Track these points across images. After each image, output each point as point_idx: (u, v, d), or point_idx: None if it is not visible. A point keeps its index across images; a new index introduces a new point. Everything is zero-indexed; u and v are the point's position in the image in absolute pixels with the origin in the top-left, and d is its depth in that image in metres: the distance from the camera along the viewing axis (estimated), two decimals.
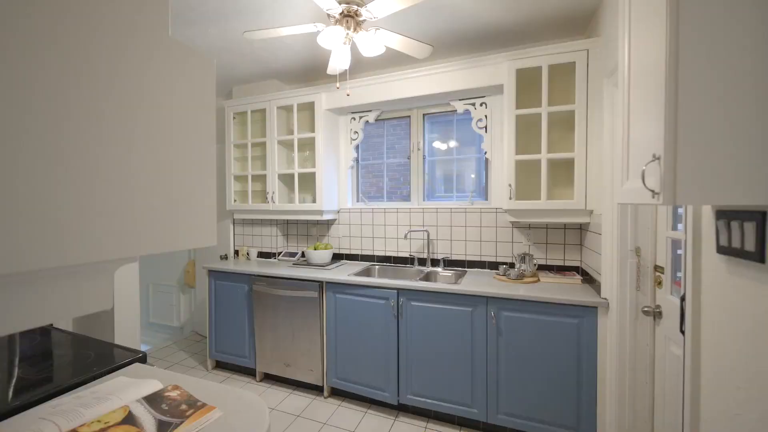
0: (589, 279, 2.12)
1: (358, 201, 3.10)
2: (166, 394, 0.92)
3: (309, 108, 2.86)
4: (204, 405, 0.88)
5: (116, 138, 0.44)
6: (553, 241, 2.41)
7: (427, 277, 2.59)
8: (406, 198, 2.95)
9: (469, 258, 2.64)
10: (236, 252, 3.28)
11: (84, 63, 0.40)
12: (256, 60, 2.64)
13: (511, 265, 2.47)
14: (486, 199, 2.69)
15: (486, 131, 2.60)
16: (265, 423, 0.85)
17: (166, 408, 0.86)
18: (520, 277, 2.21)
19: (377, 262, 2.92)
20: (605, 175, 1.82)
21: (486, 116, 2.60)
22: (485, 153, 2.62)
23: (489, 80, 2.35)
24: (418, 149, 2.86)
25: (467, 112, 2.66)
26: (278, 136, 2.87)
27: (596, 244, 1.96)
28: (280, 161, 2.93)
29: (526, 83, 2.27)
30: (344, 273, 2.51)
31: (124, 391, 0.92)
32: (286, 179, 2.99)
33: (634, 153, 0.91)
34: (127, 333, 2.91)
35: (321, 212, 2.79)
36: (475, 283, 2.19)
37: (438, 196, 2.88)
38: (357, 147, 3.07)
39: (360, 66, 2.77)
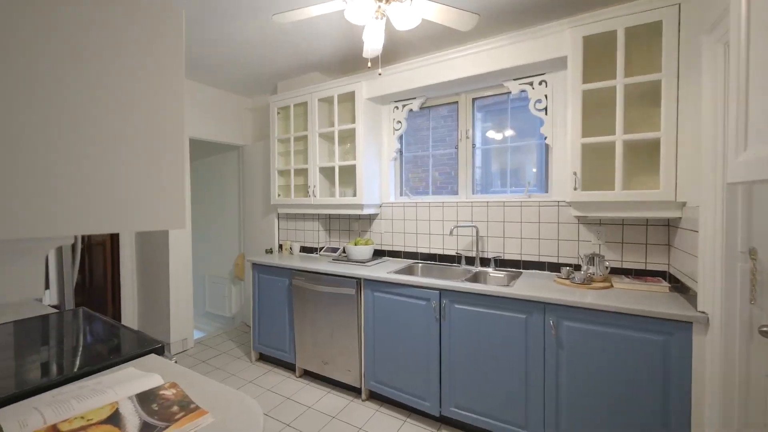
0: (680, 287, 1.72)
1: (401, 195, 2.94)
2: (161, 392, 0.84)
3: (350, 99, 2.76)
4: (196, 408, 0.78)
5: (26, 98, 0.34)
6: (630, 240, 2.02)
7: (475, 278, 2.33)
8: (455, 192, 2.71)
9: (524, 258, 2.33)
10: (280, 246, 3.31)
11: None
12: (296, 53, 2.60)
13: (577, 268, 2.12)
14: (546, 191, 2.36)
15: (546, 113, 2.28)
16: None
17: (156, 408, 0.77)
18: (588, 281, 1.87)
19: (421, 259, 2.72)
20: (705, 156, 1.43)
21: (546, 96, 2.27)
22: (545, 138, 2.29)
23: (549, 53, 2.03)
24: (467, 137, 2.61)
25: (523, 93, 2.35)
26: (319, 128, 2.82)
27: (690, 244, 1.57)
28: (322, 154, 2.87)
29: (595, 53, 1.92)
30: (384, 270, 2.36)
31: (122, 384, 0.86)
32: (327, 173, 2.93)
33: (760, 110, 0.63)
34: (181, 321, 3.07)
35: (361, 206, 2.67)
36: (531, 286, 1.90)
37: (493, 190, 2.59)
38: (400, 138, 2.90)
39: (401, 50, 2.60)
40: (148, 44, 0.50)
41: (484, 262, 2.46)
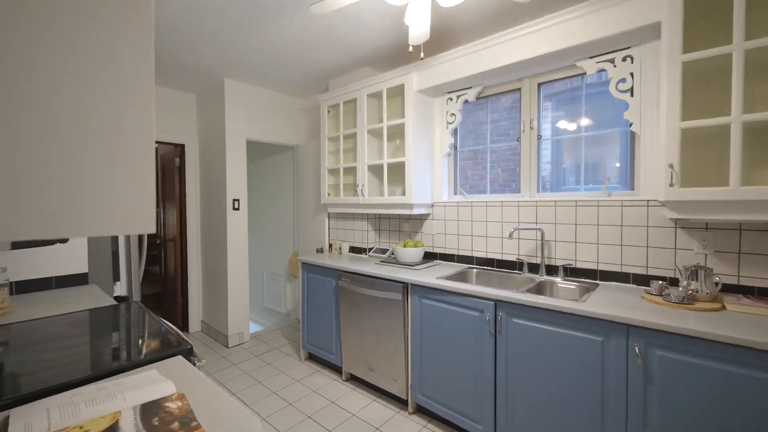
0: None
1: (455, 194, 2.72)
2: (167, 404, 0.78)
3: (400, 93, 2.62)
4: (197, 428, 0.70)
5: None
6: (751, 250, 1.57)
7: (539, 289, 2.03)
8: (517, 190, 2.41)
9: (602, 267, 1.97)
10: (330, 246, 3.29)
11: None
12: (344, 48, 2.53)
13: (673, 282, 1.72)
14: (631, 188, 1.97)
15: (631, 95, 1.90)
16: None
17: (156, 423, 0.71)
18: (689, 300, 1.49)
19: (477, 264, 2.48)
20: None
21: (631, 74, 1.89)
22: (630, 125, 1.91)
23: (636, 20, 1.67)
24: (531, 128, 2.30)
25: (602, 73, 1.99)
26: (368, 125, 2.72)
27: None
28: (371, 152, 2.77)
29: (698, 15, 1.53)
30: (433, 275, 2.18)
31: (135, 391, 0.82)
32: (376, 171, 2.82)
33: None
34: (237, 315, 3.20)
35: (410, 206, 2.51)
36: (610, 302, 1.57)
37: (567, 188, 2.25)
38: (454, 131, 2.68)
39: (452, 36, 2.39)
40: (101, 34, 0.41)
41: (551, 270, 2.14)
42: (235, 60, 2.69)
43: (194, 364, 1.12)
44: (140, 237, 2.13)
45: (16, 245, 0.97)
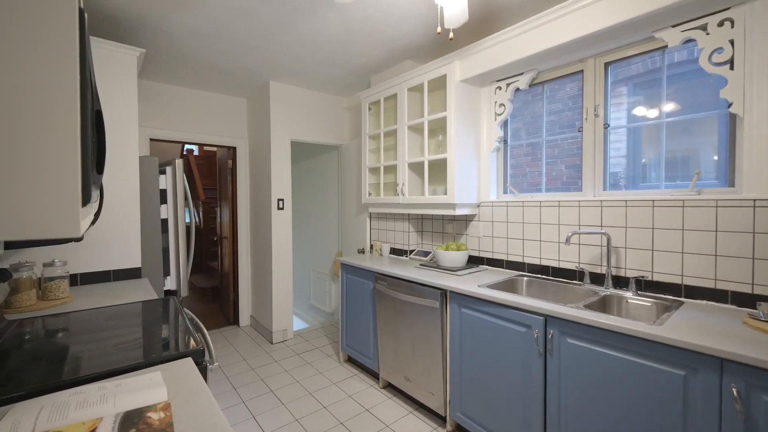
0: None
1: (505, 192, 2.46)
2: (150, 414, 0.73)
3: (442, 85, 2.44)
4: None
5: None
6: None
7: (603, 304, 1.72)
8: (579, 188, 2.10)
9: (689, 282, 1.60)
10: (371, 247, 3.21)
11: None
12: (383, 41, 2.42)
13: None
14: (730, 184, 1.58)
15: (731, 67, 1.51)
16: None
17: None
18: None
19: (528, 272, 2.21)
20: None
21: (731, 41, 1.50)
22: (728, 106, 1.53)
23: None
24: (595, 115, 1.98)
25: (689, 44, 1.62)
26: (409, 121, 2.58)
27: None
28: (412, 149, 2.63)
29: None
30: (476, 282, 1.97)
31: (126, 394, 0.79)
32: (417, 169, 2.66)
33: None
34: (281, 312, 3.27)
35: (453, 206, 2.32)
36: (697, 327, 1.25)
37: (646, 185, 1.88)
38: (504, 124, 2.42)
39: (497, 19, 2.14)
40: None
41: (620, 282, 1.81)
42: (275, 62, 2.74)
43: (205, 366, 1.09)
44: (188, 235, 2.24)
45: (10, 245, 1.01)
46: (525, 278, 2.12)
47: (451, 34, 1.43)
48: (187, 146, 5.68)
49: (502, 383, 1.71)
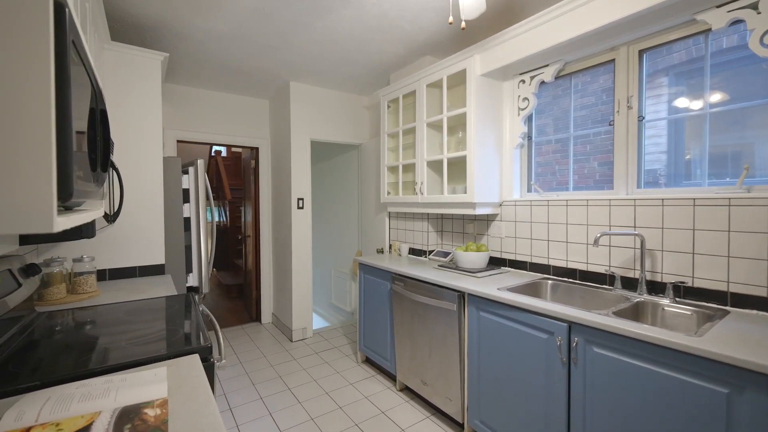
0: None
1: (529, 191, 2.34)
2: (146, 410, 0.73)
3: (462, 80, 2.35)
4: None
5: None
6: None
7: (636, 311, 1.59)
8: (598, 185, 1.96)
9: (735, 289, 1.45)
10: (390, 246, 3.16)
11: None
12: (401, 37, 2.37)
13: None
14: None
15: None
16: None
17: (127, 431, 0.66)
18: None
19: (553, 275, 2.09)
20: None
21: None
22: None
23: None
24: (628, 107, 1.84)
25: (736, 25, 1.46)
26: (428, 118, 2.51)
27: None
28: (431, 147, 2.56)
29: None
30: (496, 285, 1.88)
31: (128, 389, 0.80)
32: (436, 167, 2.59)
33: None
34: (301, 311, 3.29)
35: (473, 205, 2.24)
36: (743, 339, 1.11)
37: (689, 182, 1.72)
38: (528, 119, 2.31)
39: (523, 4, 2.03)
40: None
41: (655, 287, 1.67)
42: (293, 62, 2.75)
43: (212, 364, 1.09)
44: (209, 233, 2.29)
45: (26, 240, 1.05)
46: (549, 281, 2.01)
47: (463, 24, 1.36)
48: (215, 148, 5.89)
49: (523, 392, 1.62)
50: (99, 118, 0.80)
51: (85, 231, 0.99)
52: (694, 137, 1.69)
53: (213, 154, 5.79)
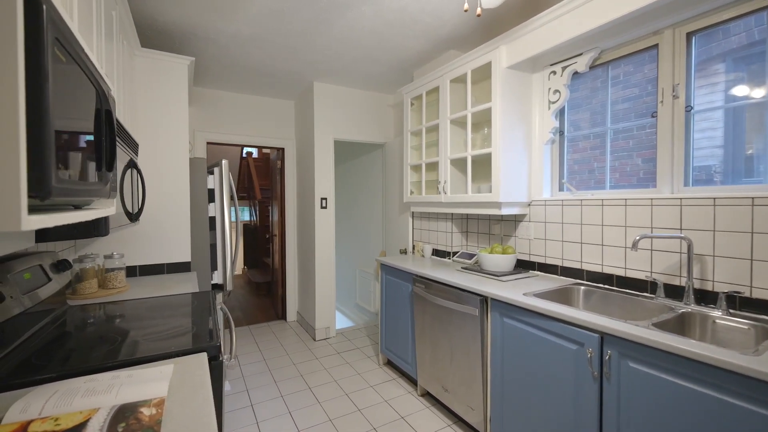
0: None
1: (561, 190, 2.19)
2: (142, 409, 0.72)
3: (488, 74, 2.24)
4: None
5: None
6: None
7: (681, 324, 1.42)
8: (641, 183, 1.79)
9: None
10: (414, 247, 3.09)
11: None
12: (424, 31, 2.30)
13: None
14: None
15: None
16: None
17: (120, 430, 0.65)
18: None
19: (587, 280, 1.93)
20: None
21: None
22: None
23: None
24: (674, 97, 1.66)
25: None
26: (451, 114, 2.42)
27: None
28: (455, 144, 2.47)
29: None
30: (522, 289, 1.77)
31: (130, 386, 0.80)
32: (460, 165, 2.49)
33: None
34: (324, 311, 3.30)
35: (498, 205, 2.12)
36: None
37: (749, 180, 1.52)
38: (560, 112, 2.16)
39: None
40: None
41: (705, 297, 1.49)
42: (315, 62, 2.76)
43: (221, 362, 1.08)
44: (233, 232, 2.34)
45: (42, 237, 1.09)
46: (582, 287, 1.86)
47: (478, 11, 1.28)
48: (246, 149, 6.09)
49: (551, 405, 1.50)
50: (105, 119, 0.81)
51: (97, 229, 1.02)
52: (756, 129, 1.49)
53: (245, 155, 5.98)
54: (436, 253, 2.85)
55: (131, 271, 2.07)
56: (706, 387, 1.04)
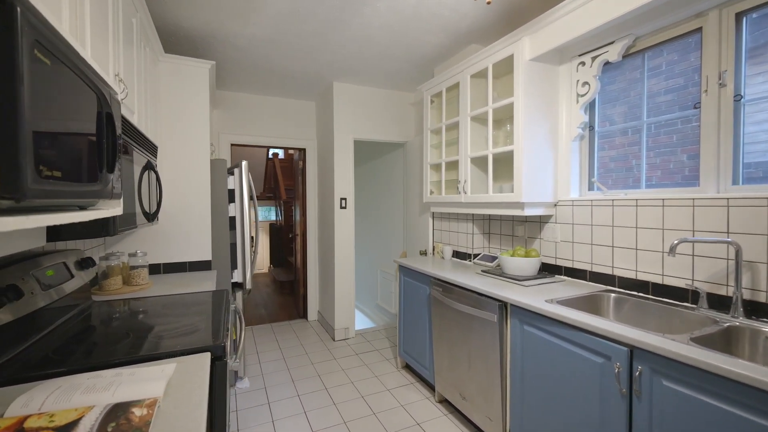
0: None
1: (591, 189, 2.05)
2: (133, 409, 0.72)
3: (511, 67, 2.13)
4: None
5: None
6: None
7: (727, 339, 1.27)
8: (686, 181, 1.62)
9: None
10: (434, 249, 3.01)
11: None
12: (442, 26, 2.22)
13: None
14: None
15: None
16: None
17: (110, 431, 0.65)
18: None
19: (619, 287, 1.79)
20: None
21: None
22: None
23: None
24: (720, 85, 1.49)
25: None
26: (471, 111, 2.33)
27: None
28: (476, 142, 2.37)
29: None
30: (544, 296, 1.66)
31: (128, 385, 0.81)
32: (481, 164, 2.39)
33: None
34: (343, 311, 3.30)
35: (521, 205, 2.01)
36: None
37: None
38: (589, 106, 2.02)
39: None
40: None
41: (757, 309, 1.32)
42: (333, 62, 2.75)
43: (225, 362, 1.08)
44: (254, 237, 2.38)
45: (53, 237, 1.13)
46: (613, 295, 1.72)
47: None
48: (272, 150, 6.23)
49: (574, 422, 1.39)
50: (105, 122, 0.82)
51: (105, 229, 1.05)
52: None
53: (271, 156, 6.12)
54: (457, 255, 2.76)
55: (156, 269, 2.15)
56: (759, 415, 0.91)
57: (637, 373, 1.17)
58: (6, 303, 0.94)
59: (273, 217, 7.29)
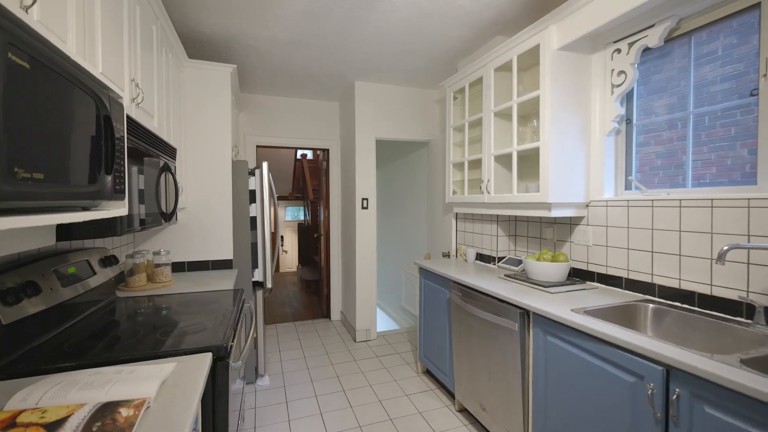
0: None
1: (627, 188, 1.87)
2: (121, 410, 0.72)
3: (537, 59, 2.00)
4: None
5: None
6: None
7: None
8: (746, 179, 1.43)
9: None
10: (457, 251, 2.91)
11: None
12: (464, 17, 2.12)
13: None
14: None
15: None
16: None
17: (94, 430, 0.65)
18: None
19: (659, 297, 1.61)
20: None
21: None
22: None
23: None
24: None
25: None
26: (495, 106, 2.21)
27: None
28: (500, 139, 2.25)
29: None
30: (572, 304, 1.53)
31: (122, 384, 0.82)
32: (506, 162, 2.26)
33: None
34: (365, 312, 3.27)
35: (548, 206, 1.88)
36: None
37: None
38: (625, 97, 1.84)
39: None
40: None
41: None
42: (353, 61, 2.72)
43: (227, 364, 1.08)
44: (274, 237, 2.41)
45: (65, 236, 1.17)
46: (651, 305, 1.55)
47: None
48: (300, 151, 6.35)
49: None
50: (104, 125, 0.83)
51: (111, 229, 1.08)
52: None
53: (299, 157, 6.24)
54: (481, 258, 2.64)
55: (180, 267, 2.23)
56: None
57: (674, 397, 1.03)
58: (24, 298, 0.99)
59: (302, 217, 7.44)
